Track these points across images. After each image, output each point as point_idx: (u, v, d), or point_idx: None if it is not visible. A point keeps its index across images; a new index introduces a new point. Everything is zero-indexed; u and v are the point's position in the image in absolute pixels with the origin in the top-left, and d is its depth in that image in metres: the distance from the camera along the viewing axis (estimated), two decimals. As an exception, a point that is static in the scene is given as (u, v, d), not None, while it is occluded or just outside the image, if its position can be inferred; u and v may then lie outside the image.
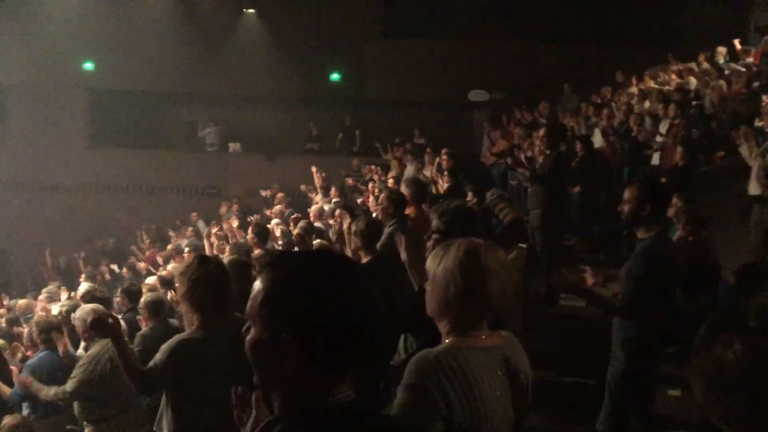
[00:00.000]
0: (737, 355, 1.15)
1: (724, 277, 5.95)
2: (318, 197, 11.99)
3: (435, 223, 3.21)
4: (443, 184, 9.38)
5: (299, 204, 13.66)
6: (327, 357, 1.33)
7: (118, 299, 6.64)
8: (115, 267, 12.79)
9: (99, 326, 3.67)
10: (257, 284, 1.38)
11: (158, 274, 8.99)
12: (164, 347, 3.38)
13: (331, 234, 8.05)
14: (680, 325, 5.63)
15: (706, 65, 12.65)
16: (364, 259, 5.05)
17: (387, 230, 5.56)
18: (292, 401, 1.36)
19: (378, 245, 5.25)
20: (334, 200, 11.39)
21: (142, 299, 5.78)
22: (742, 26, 14.49)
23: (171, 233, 14.41)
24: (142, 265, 12.31)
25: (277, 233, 8.64)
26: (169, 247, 12.09)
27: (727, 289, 5.56)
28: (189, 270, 3.44)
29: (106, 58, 17.10)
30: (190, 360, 3.30)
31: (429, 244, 3.12)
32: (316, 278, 1.35)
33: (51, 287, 10.20)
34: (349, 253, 6.44)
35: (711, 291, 5.73)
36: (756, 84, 11.05)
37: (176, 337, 3.45)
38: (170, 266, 9.47)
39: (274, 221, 10.72)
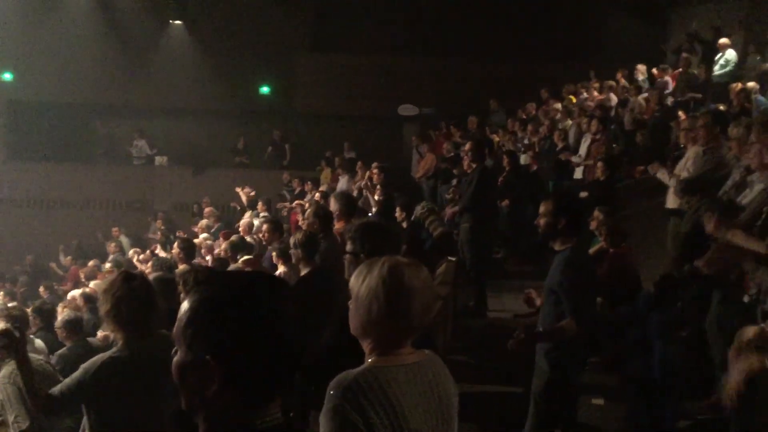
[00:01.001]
0: None
1: (644, 287, 6.14)
2: (247, 213, 11.86)
3: (347, 245, 3.22)
4: (375, 198, 9.43)
5: (229, 218, 13.48)
6: (252, 381, 1.32)
7: (30, 318, 6.37)
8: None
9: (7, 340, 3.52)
10: (185, 304, 1.37)
11: (82, 290, 8.68)
12: (86, 366, 3.25)
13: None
14: (603, 335, 5.81)
15: (624, 82, 13.13)
16: (303, 271, 5.02)
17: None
18: (218, 424, 1.34)
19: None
20: (261, 215, 11.28)
21: (60, 317, 5.57)
22: (660, 45, 15.14)
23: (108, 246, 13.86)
24: (67, 286, 11.90)
25: (204, 250, 8.49)
26: (91, 263, 11.72)
27: (646, 299, 5.73)
28: (113, 287, 3.32)
29: (26, 68, 16.58)
30: (115, 380, 3.18)
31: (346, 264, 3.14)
32: (243, 301, 1.33)
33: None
34: (281, 267, 6.39)
35: (631, 301, 5.90)
36: (671, 100, 11.53)
37: (99, 357, 3.31)
38: (92, 283, 9.17)
39: (202, 236, 10.55)
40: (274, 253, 6.70)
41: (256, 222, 10.54)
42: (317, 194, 10.97)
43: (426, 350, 2.07)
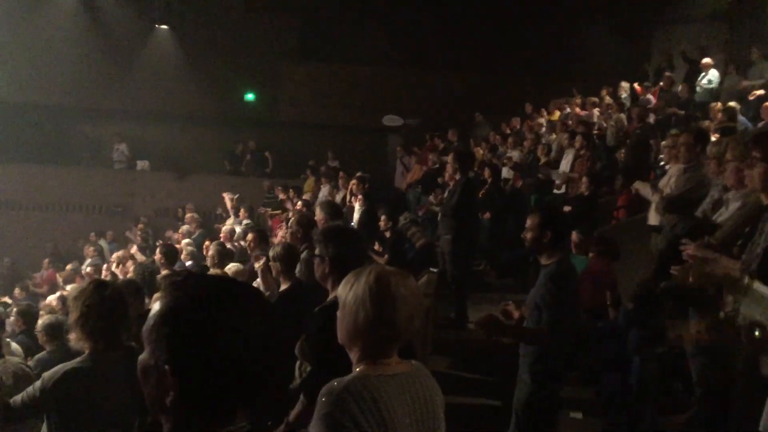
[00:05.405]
0: None
1: (623, 302, 6.19)
2: (229, 220, 11.81)
3: (316, 249, 3.22)
4: (358, 208, 9.43)
5: (211, 224, 13.40)
6: (211, 395, 1.29)
7: (12, 320, 6.30)
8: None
9: None
10: (155, 306, 1.34)
11: (60, 293, 8.59)
12: (47, 375, 3.15)
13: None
14: (583, 349, 5.84)
15: (608, 99, 13.25)
16: (284, 286, 4.92)
17: (302, 256, 5.50)
18: (181, 430, 1.32)
19: (296, 271, 5.18)
20: (244, 222, 11.24)
21: (40, 321, 5.50)
22: (643, 63, 15.30)
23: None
24: (43, 289, 11.78)
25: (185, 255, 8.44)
26: (68, 267, 11.60)
27: (626, 314, 5.77)
28: (83, 295, 3.23)
29: (9, 69, 16.39)
30: (76, 391, 3.08)
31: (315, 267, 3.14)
32: (206, 313, 1.28)
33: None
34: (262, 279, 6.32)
35: (612, 316, 5.95)
36: (653, 117, 11.64)
37: (61, 366, 3.20)
38: (69, 287, 9.08)
39: (184, 242, 10.49)
40: (256, 264, 6.66)
41: (237, 229, 10.50)
42: (299, 203, 10.96)
43: (413, 361, 2.08)
